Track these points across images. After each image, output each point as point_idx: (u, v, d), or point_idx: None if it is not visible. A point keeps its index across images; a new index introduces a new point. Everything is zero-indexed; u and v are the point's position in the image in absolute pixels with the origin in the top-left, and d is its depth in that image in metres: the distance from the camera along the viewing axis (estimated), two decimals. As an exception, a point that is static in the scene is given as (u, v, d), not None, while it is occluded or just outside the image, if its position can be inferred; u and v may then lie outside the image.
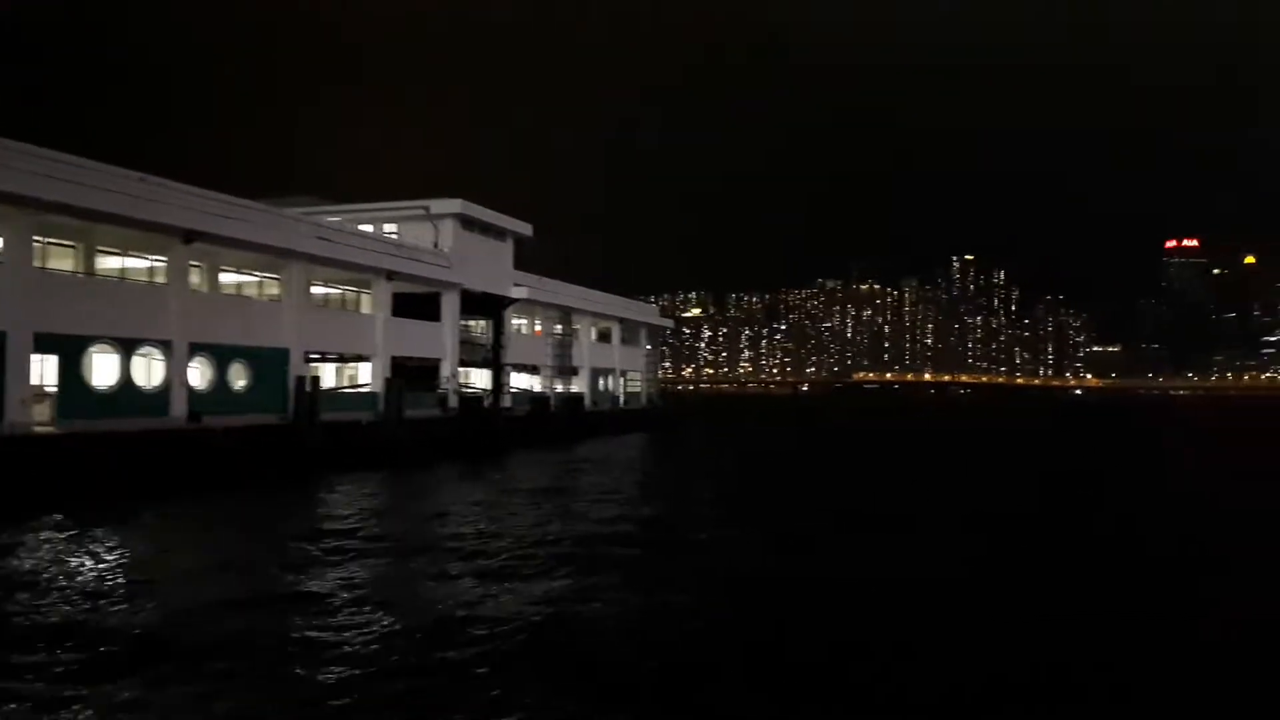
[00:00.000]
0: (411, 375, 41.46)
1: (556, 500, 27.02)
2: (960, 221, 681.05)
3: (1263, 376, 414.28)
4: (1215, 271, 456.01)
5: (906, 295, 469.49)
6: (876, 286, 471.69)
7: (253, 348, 32.80)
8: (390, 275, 40.43)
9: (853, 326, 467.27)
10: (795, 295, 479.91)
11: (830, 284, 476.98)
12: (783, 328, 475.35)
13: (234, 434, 29.63)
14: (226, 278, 36.17)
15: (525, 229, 51.30)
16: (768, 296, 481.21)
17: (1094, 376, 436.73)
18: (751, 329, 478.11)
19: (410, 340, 42.60)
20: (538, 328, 58.15)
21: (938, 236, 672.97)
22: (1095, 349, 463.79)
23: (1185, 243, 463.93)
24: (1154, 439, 72.93)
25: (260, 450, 30.20)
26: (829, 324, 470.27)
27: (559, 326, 57.23)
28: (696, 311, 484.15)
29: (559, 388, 56.49)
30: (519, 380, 54.10)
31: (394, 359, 40.68)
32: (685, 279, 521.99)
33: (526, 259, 53.41)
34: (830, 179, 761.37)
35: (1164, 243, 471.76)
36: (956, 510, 26.90)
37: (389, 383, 38.63)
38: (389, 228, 45.27)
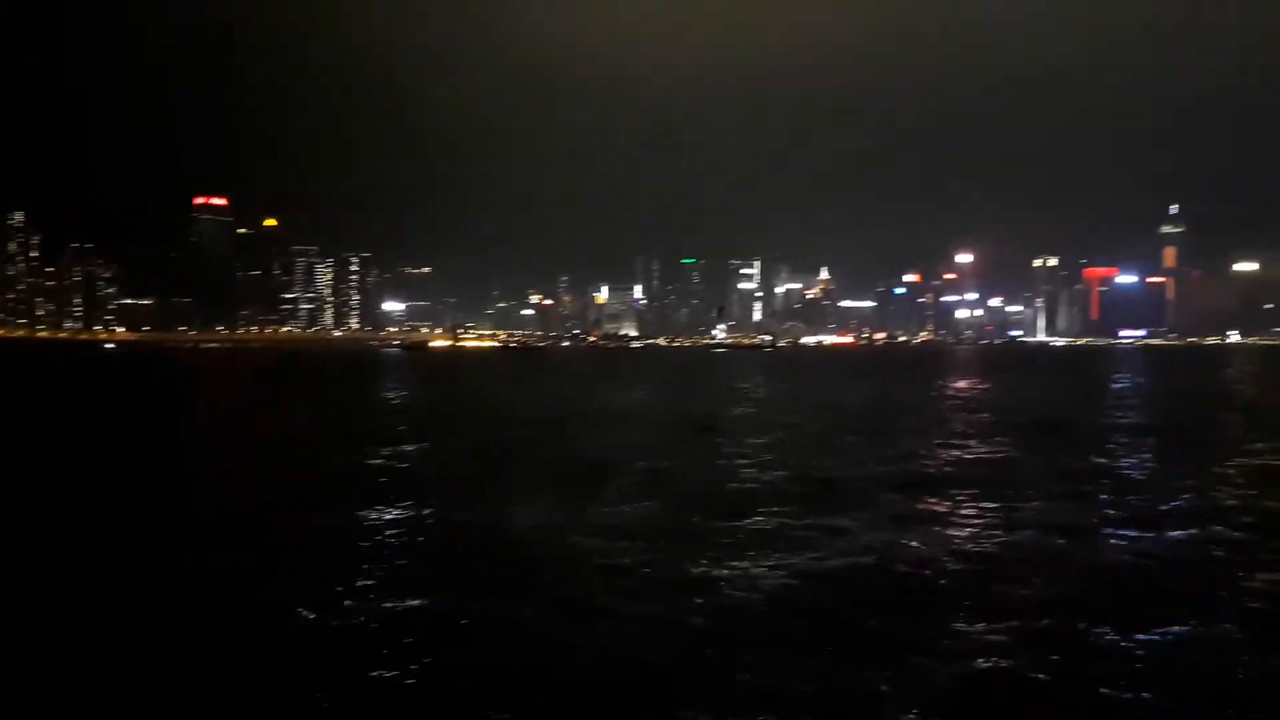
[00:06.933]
0: None
1: None
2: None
3: (281, 330, 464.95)
4: (241, 231, 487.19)
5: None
6: None
7: None
8: None
9: None
10: None
11: None
12: None
13: None
14: None
15: None
16: None
17: (127, 329, 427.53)
18: None
19: None
20: None
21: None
22: (128, 301, 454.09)
23: (214, 200, 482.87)
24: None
25: None
26: None
27: None
28: None
29: None
30: None
31: None
32: None
33: None
34: None
35: (193, 198, 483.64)
36: None
37: None
38: None
